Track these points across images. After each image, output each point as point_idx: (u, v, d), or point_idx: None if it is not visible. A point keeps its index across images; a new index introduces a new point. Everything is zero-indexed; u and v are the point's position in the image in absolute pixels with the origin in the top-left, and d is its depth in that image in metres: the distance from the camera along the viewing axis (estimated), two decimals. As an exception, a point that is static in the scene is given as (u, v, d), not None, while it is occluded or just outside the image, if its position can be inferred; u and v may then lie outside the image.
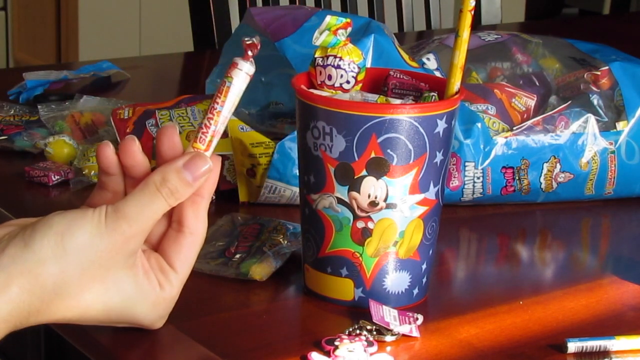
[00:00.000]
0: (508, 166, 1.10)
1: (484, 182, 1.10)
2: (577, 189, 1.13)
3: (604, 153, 1.13)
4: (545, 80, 1.16)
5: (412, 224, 0.87)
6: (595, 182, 1.13)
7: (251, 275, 0.92)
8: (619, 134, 1.13)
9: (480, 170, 1.10)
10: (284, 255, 0.95)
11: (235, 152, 1.09)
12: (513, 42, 1.21)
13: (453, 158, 1.09)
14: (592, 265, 1.06)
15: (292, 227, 1.00)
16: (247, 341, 0.83)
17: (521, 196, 1.12)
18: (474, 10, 0.88)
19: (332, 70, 0.89)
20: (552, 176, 1.12)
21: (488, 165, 1.10)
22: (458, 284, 0.99)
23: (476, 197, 1.11)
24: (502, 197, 1.12)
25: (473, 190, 1.10)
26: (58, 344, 1.01)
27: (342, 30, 0.89)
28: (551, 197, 1.13)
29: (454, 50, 0.88)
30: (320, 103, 0.86)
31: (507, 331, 0.87)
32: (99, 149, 0.81)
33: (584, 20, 2.70)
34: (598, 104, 1.13)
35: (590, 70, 1.16)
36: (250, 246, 0.97)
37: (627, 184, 1.15)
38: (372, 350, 0.82)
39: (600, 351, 0.84)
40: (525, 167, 1.11)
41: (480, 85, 1.15)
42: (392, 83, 0.93)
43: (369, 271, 0.88)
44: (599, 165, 1.12)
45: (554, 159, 1.11)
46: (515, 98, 1.13)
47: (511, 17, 3.30)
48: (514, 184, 1.11)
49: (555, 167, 1.11)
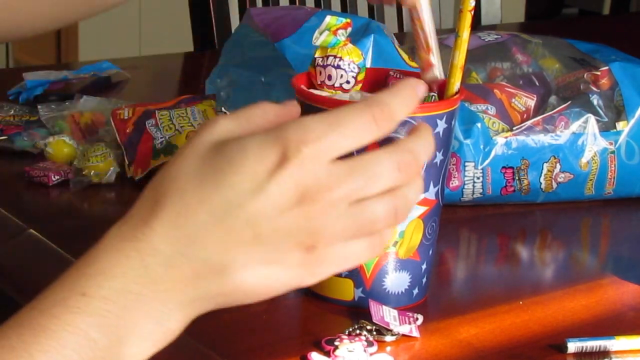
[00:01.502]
0: (508, 166, 1.10)
1: (484, 182, 1.10)
2: (577, 189, 1.13)
3: (603, 153, 1.12)
4: (545, 80, 1.16)
5: (412, 224, 0.87)
6: (595, 182, 1.13)
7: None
8: (619, 134, 1.13)
9: (480, 170, 1.10)
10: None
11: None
12: (513, 43, 1.21)
13: (453, 158, 1.09)
14: (592, 265, 1.06)
15: None
16: (247, 341, 0.83)
17: (521, 196, 1.12)
18: (474, 10, 0.88)
19: (332, 70, 0.89)
20: (552, 176, 1.12)
21: (488, 165, 1.10)
22: (458, 284, 0.99)
23: (476, 197, 1.11)
24: (502, 197, 1.12)
25: (473, 190, 1.10)
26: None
27: (342, 31, 0.89)
28: (551, 197, 1.13)
29: (454, 51, 0.88)
30: (319, 103, 0.86)
31: (507, 331, 0.87)
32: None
33: (584, 20, 2.70)
34: (598, 104, 1.13)
35: (590, 70, 1.16)
36: None
37: (627, 184, 1.14)
38: (372, 350, 0.82)
39: (600, 351, 0.84)
40: (525, 167, 1.11)
41: (480, 86, 1.15)
42: (392, 83, 0.93)
43: (368, 271, 0.88)
44: (599, 166, 1.12)
45: (554, 159, 1.11)
46: (515, 98, 1.13)
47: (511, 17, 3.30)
48: (514, 184, 1.11)
49: (555, 167, 1.11)
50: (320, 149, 0.61)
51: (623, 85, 1.14)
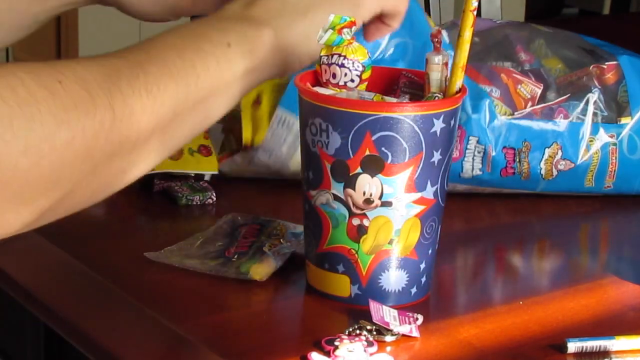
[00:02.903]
0: (510, 147, 1.11)
1: (484, 159, 1.11)
2: (577, 179, 1.13)
3: (605, 145, 1.13)
4: (542, 76, 1.16)
5: (409, 222, 0.87)
6: (595, 173, 1.13)
7: (251, 276, 0.92)
8: (622, 127, 1.13)
9: (482, 146, 1.10)
10: (284, 255, 0.95)
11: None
12: (518, 39, 1.20)
13: (458, 130, 1.09)
14: (592, 265, 1.06)
15: (292, 227, 1.00)
16: (247, 341, 0.83)
17: (521, 181, 1.12)
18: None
19: (336, 68, 0.90)
20: (553, 162, 1.12)
21: (490, 142, 1.10)
22: (458, 284, 0.99)
23: (476, 175, 1.12)
24: (502, 180, 1.12)
25: (472, 165, 1.11)
26: (58, 344, 1.01)
27: (346, 29, 0.89)
28: (551, 186, 1.13)
29: (456, 50, 0.88)
30: (317, 100, 0.87)
31: (507, 331, 0.87)
32: None
33: (584, 20, 2.70)
34: (599, 98, 1.14)
35: (599, 62, 1.16)
36: (250, 246, 0.97)
37: (627, 179, 1.15)
38: (372, 350, 0.82)
39: (600, 351, 0.84)
40: (527, 150, 1.11)
41: (487, 67, 1.15)
42: (402, 82, 0.93)
43: (364, 268, 0.88)
44: (600, 157, 1.13)
45: (556, 145, 1.12)
46: (522, 85, 1.13)
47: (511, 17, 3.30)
48: (514, 166, 1.11)
49: (556, 154, 1.12)
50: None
51: (629, 78, 1.15)
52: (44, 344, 1.01)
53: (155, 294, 0.90)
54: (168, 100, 0.73)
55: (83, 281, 0.93)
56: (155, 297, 0.90)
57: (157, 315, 0.86)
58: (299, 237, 0.98)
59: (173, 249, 0.97)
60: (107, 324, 0.87)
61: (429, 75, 0.89)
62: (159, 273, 0.94)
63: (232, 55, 0.80)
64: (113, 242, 1.01)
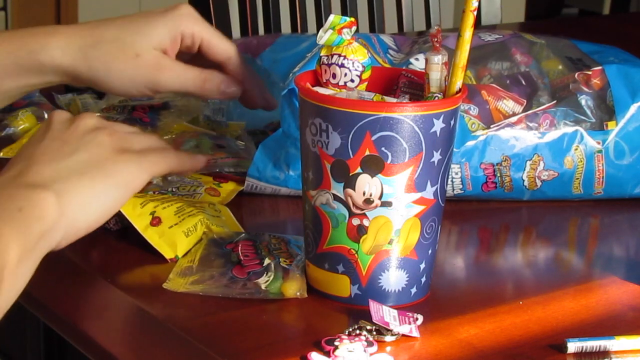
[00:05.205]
0: (488, 162, 1.10)
1: (463, 178, 1.10)
2: (563, 187, 1.13)
3: (590, 152, 1.12)
4: (532, 79, 1.15)
5: (409, 222, 0.87)
6: (582, 181, 1.13)
7: (283, 294, 0.89)
8: (608, 133, 1.12)
9: (457, 166, 1.10)
10: (304, 267, 0.92)
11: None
12: (513, 43, 1.20)
13: None
14: (592, 265, 1.06)
15: (287, 238, 0.98)
16: (247, 341, 0.83)
17: (505, 193, 1.12)
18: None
19: (336, 68, 0.90)
20: (535, 174, 1.12)
21: (465, 160, 1.10)
22: (458, 284, 0.99)
23: (457, 194, 1.11)
24: (485, 194, 1.12)
25: (452, 186, 1.10)
26: (58, 343, 1.01)
27: (346, 30, 0.89)
28: (537, 195, 1.13)
29: (456, 50, 0.88)
30: (317, 100, 0.87)
31: (507, 331, 0.87)
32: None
33: (584, 20, 2.70)
34: (587, 104, 1.13)
35: (583, 70, 1.16)
36: (260, 264, 0.93)
37: (617, 185, 1.14)
38: (372, 350, 0.82)
39: (600, 351, 0.84)
40: (507, 165, 1.11)
41: (470, 85, 1.15)
42: (402, 82, 0.93)
43: (364, 268, 0.88)
44: (585, 164, 1.12)
45: (537, 157, 1.11)
46: (503, 101, 1.12)
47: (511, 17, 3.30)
48: (496, 180, 1.11)
49: (538, 165, 1.11)
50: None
51: (614, 84, 1.14)
52: (44, 344, 1.01)
53: (155, 294, 0.90)
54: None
55: (83, 281, 0.93)
56: (154, 297, 0.90)
57: (156, 316, 0.86)
58: (301, 245, 0.95)
59: (177, 278, 0.93)
60: (107, 324, 0.87)
61: (429, 75, 0.89)
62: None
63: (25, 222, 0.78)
64: (113, 242, 1.01)
